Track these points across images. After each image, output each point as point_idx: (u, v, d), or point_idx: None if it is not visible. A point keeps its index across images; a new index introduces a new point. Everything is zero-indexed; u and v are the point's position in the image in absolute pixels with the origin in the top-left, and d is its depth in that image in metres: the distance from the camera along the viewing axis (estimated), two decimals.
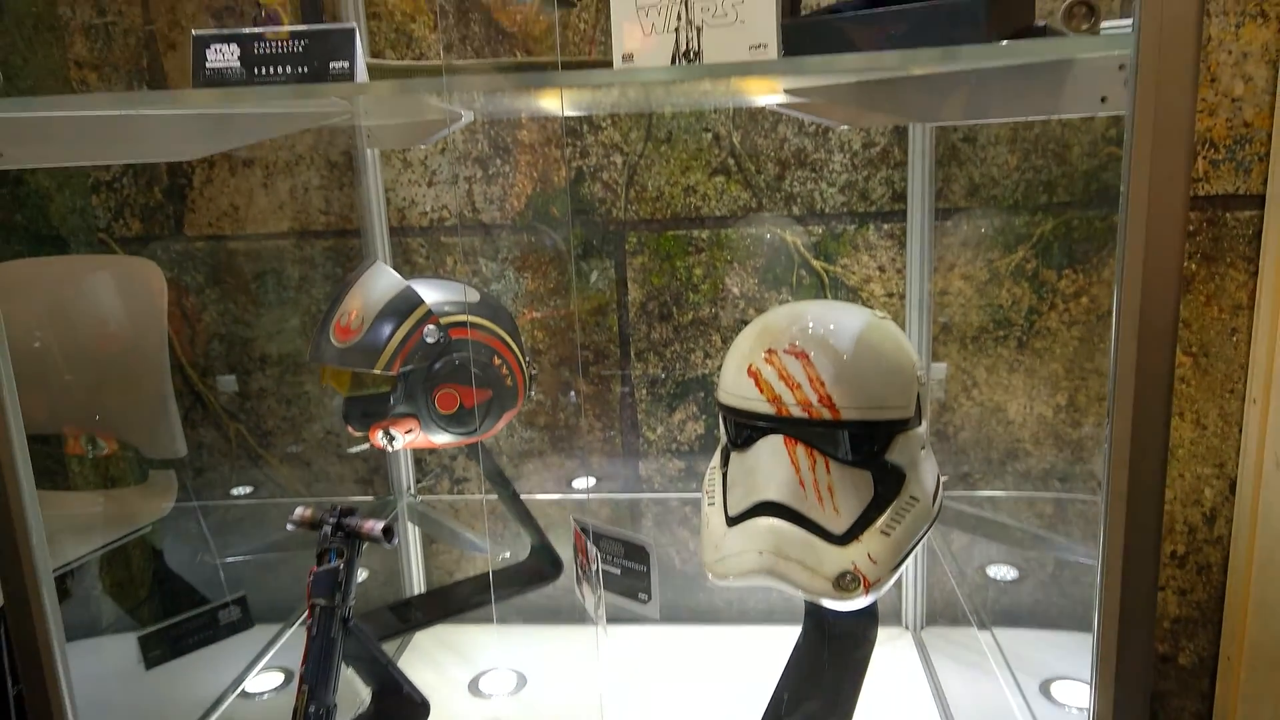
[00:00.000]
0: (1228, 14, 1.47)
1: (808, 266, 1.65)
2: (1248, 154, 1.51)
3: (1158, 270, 0.68)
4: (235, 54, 0.78)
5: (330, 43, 0.77)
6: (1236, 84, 1.49)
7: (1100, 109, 0.68)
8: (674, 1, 0.79)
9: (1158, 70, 0.66)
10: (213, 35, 0.78)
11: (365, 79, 0.79)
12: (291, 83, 0.77)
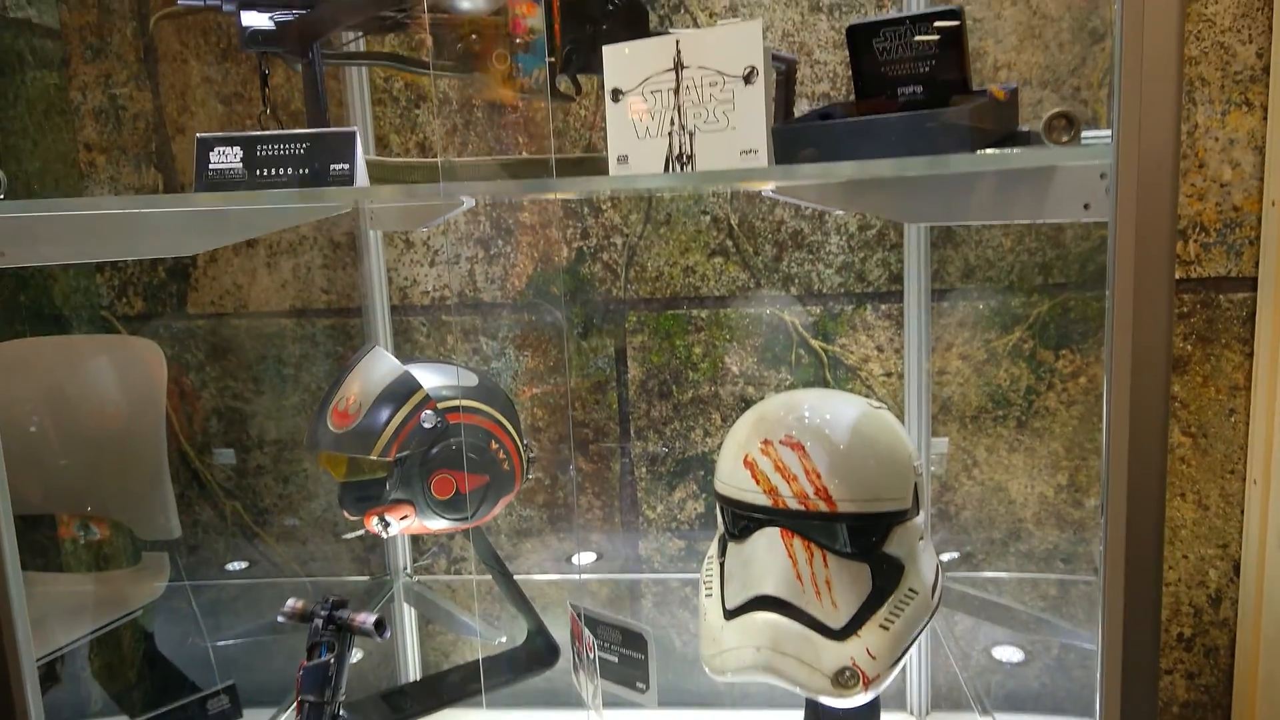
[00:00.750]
0: (1213, 102, 1.50)
1: (806, 346, 1.65)
2: (1238, 237, 1.53)
3: (1146, 368, 0.69)
4: (238, 156, 0.79)
5: (331, 145, 0.79)
6: (1224, 169, 1.52)
7: (1084, 215, 0.69)
8: (667, 107, 0.81)
9: (1138, 180, 0.67)
10: (217, 138, 0.79)
11: (365, 179, 0.80)
12: (293, 185, 0.78)
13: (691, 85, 0.79)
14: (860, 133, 0.76)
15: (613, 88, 0.83)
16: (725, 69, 0.77)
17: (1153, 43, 0.66)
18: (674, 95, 0.80)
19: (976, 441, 1.64)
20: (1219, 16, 1.48)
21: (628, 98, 0.83)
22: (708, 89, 0.78)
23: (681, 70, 0.79)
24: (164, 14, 1.63)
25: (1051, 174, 0.71)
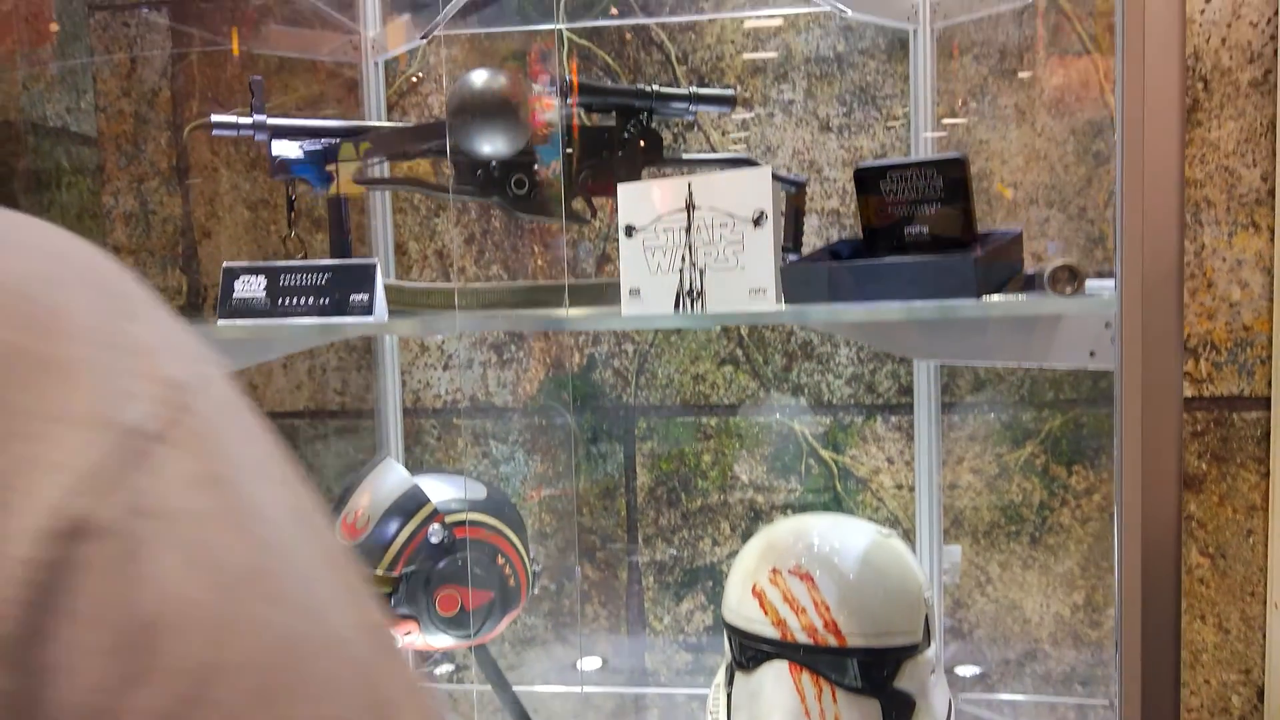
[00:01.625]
0: (1220, 224, 1.53)
1: (816, 456, 1.65)
2: (1249, 356, 1.53)
3: (1155, 525, 0.69)
4: (262, 285, 0.82)
5: (352, 276, 0.81)
6: (1233, 289, 1.53)
7: (1090, 362, 0.70)
8: (678, 245, 0.83)
9: (1142, 331, 0.68)
10: (243, 267, 0.82)
11: (384, 308, 0.82)
12: (313, 314, 0.80)
13: (703, 225, 0.81)
14: (869, 275, 0.78)
15: (626, 224, 0.85)
16: (735, 211, 0.79)
17: (1154, 204, 0.67)
18: (685, 234, 0.82)
19: (990, 557, 1.62)
20: (1223, 141, 1.51)
21: (640, 234, 0.85)
22: (718, 229, 0.81)
23: (693, 211, 0.82)
24: (196, 125, 1.69)
25: (1057, 321, 0.72)
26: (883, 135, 1.59)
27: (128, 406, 0.27)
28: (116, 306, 0.30)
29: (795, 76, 1.59)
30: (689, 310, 0.82)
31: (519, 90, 0.90)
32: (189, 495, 0.27)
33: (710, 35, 1.60)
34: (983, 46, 1.55)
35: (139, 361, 0.28)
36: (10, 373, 0.25)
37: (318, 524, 0.32)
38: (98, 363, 0.27)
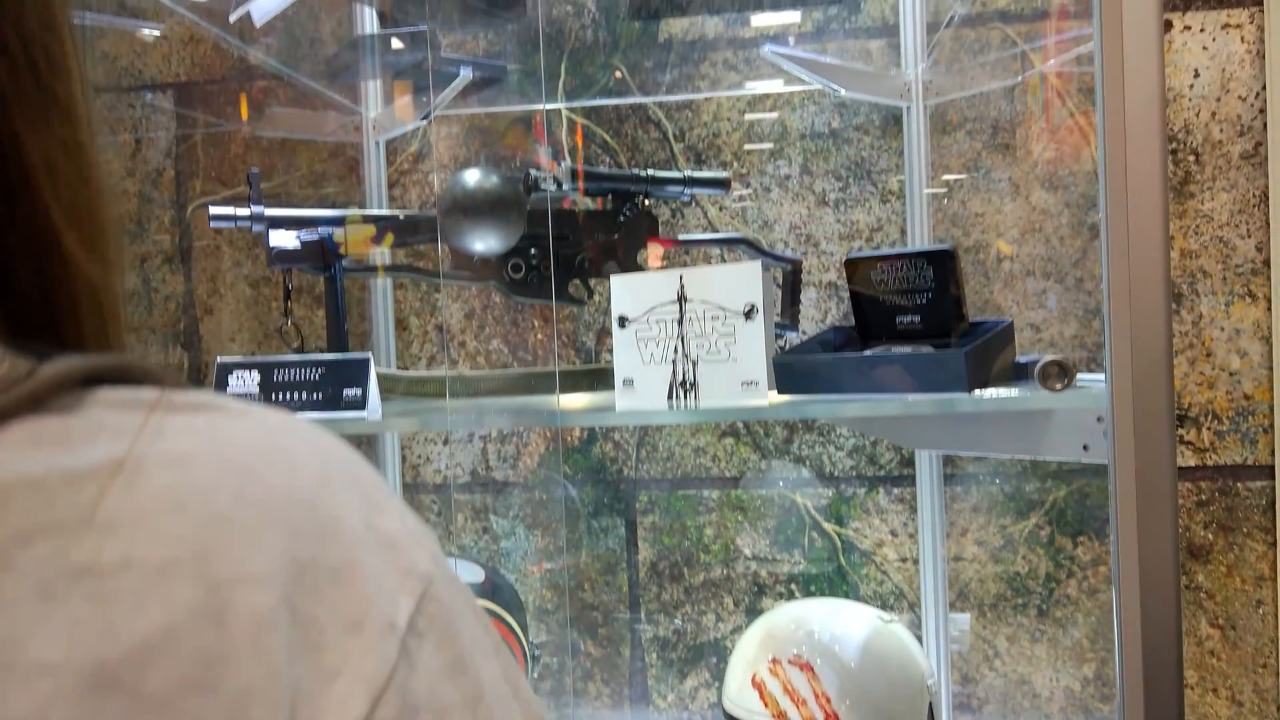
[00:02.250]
0: (1216, 294, 1.53)
1: (819, 529, 1.64)
2: (1251, 425, 1.52)
3: (1156, 623, 0.68)
4: (255, 380, 0.82)
5: (345, 371, 0.82)
6: (1232, 359, 1.53)
7: (1083, 456, 0.70)
8: (671, 336, 0.83)
9: (1134, 426, 0.68)
10: (236, 363, 0.82)
11: (377, 403, 0.83)
12: (307, 409, 0.80)
13: (695, 317, 0.82)
14: (861, 367, 0.78)
15: (619, 315, 0.86)
16: (727, 304, 0.80)
17: (1141, 298, 0.68)
18: (678, 325, 0.83)
19: (997, 630, 1.60)
20: (1216, 212, 1.52)
21: (633, 325, 0.85)
22: (710, 321, 0.81)
23: (685, 303, 0.82)
24: (200, 204, 1.72)
25: (1049, 415, 0.72)
26: (879, 209, 1.60)
27: (396, 606, 0.29)
28: (369, 501, 0.32)
29: (791, 152, 1.61)
30: (682, 401, 0.82)
31: (512, 189, 0.91)
32: (443, 688, 0.30)
33: (707, 113, 1.63)
34: (975, 121, 1.57)
35: (395, 556, 0.31)
36: (305, 584, 0.27)
37: (522, 687, 0.35)
38: (369, 566, 0.29)
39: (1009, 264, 1.58)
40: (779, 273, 1.31)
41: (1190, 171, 1.53)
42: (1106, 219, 0.73)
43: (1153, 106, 0.75)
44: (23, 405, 0.28)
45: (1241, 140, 1.51)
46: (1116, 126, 0.74)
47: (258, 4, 1.07)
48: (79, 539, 0.26)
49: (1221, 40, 1.51)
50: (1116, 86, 0.74)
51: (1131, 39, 0.74)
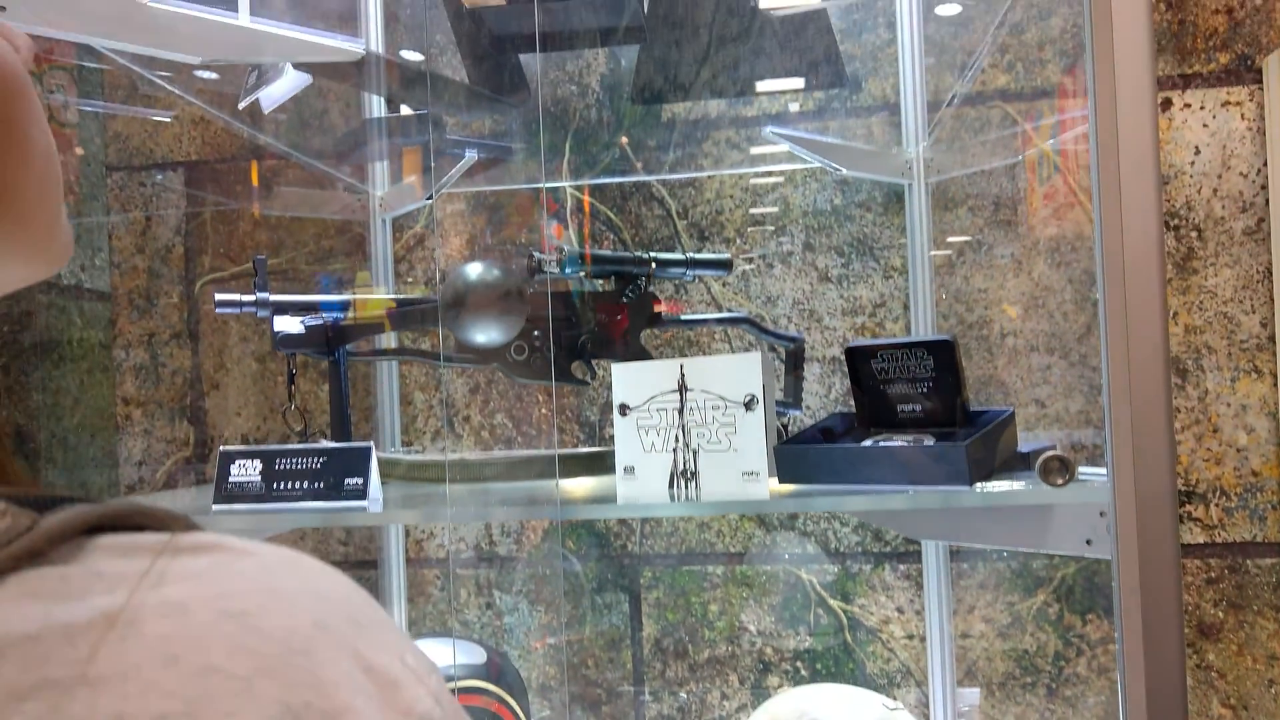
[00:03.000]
0: (1221, 369, 1.53)
1: (825, 605, 1.62)
2: (1260, 502, 1.51)
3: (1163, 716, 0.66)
4: (257, 469, 0.82)
5: (347, 460, 0.82)
6: (1239, 435, 1.52)
7: (1086, 551, 0.69)
8: (672, 425, 0.83)
9: (1137, 523, 0.67)
10: (239, 451, 0.82)
11: (378, 492, 0.82)
12: (308, 499, 0.80)
13: (695, 407, 0.82)
14: (862, 458, 0.77)
15: (620, 403, 0.86)
16: (727, 395, 0.80)
17: (1141, 392, 0.68)
18: (679, 415, 0.83)
19: (1005, 710, 1.57)
20: (1220, 288, 1.53)
21: (634, 413, 0.85)
22: (710, 411, 0.81)
23: (686, 392, 0.82)
24: (208, 280, 1.73)
25: (1051, 509, 0.71)
26: (882, 285, 1.61)
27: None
28: (370, 640, 0.32)
29: (794, 228, 1.62)
30: (683, 491, 0.82)
31: (513, 283, 0.92)
32: None
33: (710, 190, 1.65)
34: (978, 198, 1.59)
35: (395, 696, 0.31)
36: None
37: None
38: (365, 711, 0.29)
39: (1013, 339, 1.58)
40: (781, 350, 1.32)
41: (1193, 248, 1.53)
42: (1105, 311, 0.74)
43: (1149, 187, 0.76)
44: (22, 559, 0.28)
45: (1244, 216, 1.52)
46: (1112, 207, 0.75)
47: (266, 92, 1.09)
48: (73, 696, 0.26)
49: (1222, 117, 1.53)
50: (1111, 166, 0.75)
51: (1126, 119, 0.75)
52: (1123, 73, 0.74)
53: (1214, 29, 1.53)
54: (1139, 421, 0.68)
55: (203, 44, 0.87)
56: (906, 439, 0.81)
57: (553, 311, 1.14)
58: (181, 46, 0.85)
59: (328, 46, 0.99)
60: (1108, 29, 0.74)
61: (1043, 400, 1.58)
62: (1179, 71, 1.53)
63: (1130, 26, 0.74)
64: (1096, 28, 0.74)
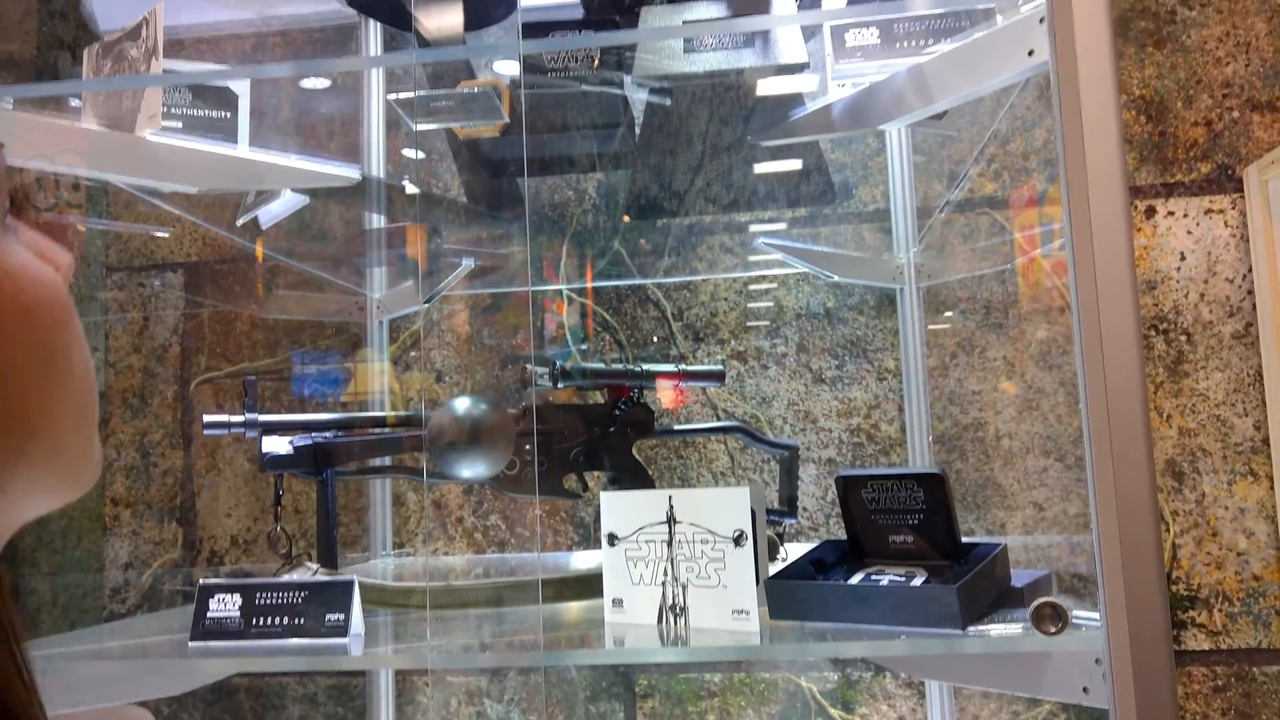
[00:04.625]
0: (1218, 472, 1.52)
1: (825, 715, 1.58)
2: (1263, 607, 1.49)
3: None
4: (236, 604, 0.81)
5: (328, 595, 0.80)
6: (1239, 539, 1.50)
7: (1083, 699, 0.67)
8: (661, 558, 0.82)
9: (1133, 672, 0.66)
10: (218, 585, 0.81)
11: (360, 628, 0.81)
12: (288, 635, 0.79)
13: (684, 540, 0.81)
14: (853, 596, 0.76)
15: (609, 532, 0.85)
16: (716, 529, 0.79)
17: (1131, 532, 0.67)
18: (667, 547, 0.82)
19: None
20: (1212, 391, 1.53)
21: (623, 543, 0.84)
22: (699, 545, 0.80)
23: (674, 524, 0.81)
24: (204, 379, 1.74)
25: (1047, 656, 0.70)
26: (875, 387, 1.61)
27: None
28: None
29: (788, 330, 1.63)
30: (672, 627, 0.80)
31: (500, 419, 0.92)
32: None
33: (704, 293, 1.66)
34: (969, 302, 1.60)
35: None
36: None
37: None
38: None
39: (1008, 441, 1.58)
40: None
41: (1183, 351, 1.54)
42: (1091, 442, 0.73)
43: (1125, 294, 0.76)
44: None
45: (1232, 320, 1.53)
46: (1091, 315, 0.75)
47: (265, 209, 1.11)
48: None
49: (1205, 225, 1.55)
50: (1089, 275, 0.75)
51: (1101, 227, 0.75)
52: (1095, 181, 0.75)
53: (1194, 140, 1.56)
54: (1130, 570, 0.67)
55: (202, 175, 0.88)
56: (899, 572, 0.80)
57: (545, 424, 1.14)
58: (181, 178, 0.86)
59: (325, 173, 1.01)
60: (1078, 140, 0.75)
61: (1040, 503, 1.57)
62: (1161, 180, 1.56)
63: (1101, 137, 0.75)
64: (1068, 138, 0.75)
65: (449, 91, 0.92)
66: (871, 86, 0.87)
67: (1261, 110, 1.55)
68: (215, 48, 1.75)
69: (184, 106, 0.94)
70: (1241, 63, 1.56)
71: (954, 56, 0.77)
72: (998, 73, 0.75)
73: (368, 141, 1.43)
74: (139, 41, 0.82)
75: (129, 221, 1.72)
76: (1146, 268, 1.55)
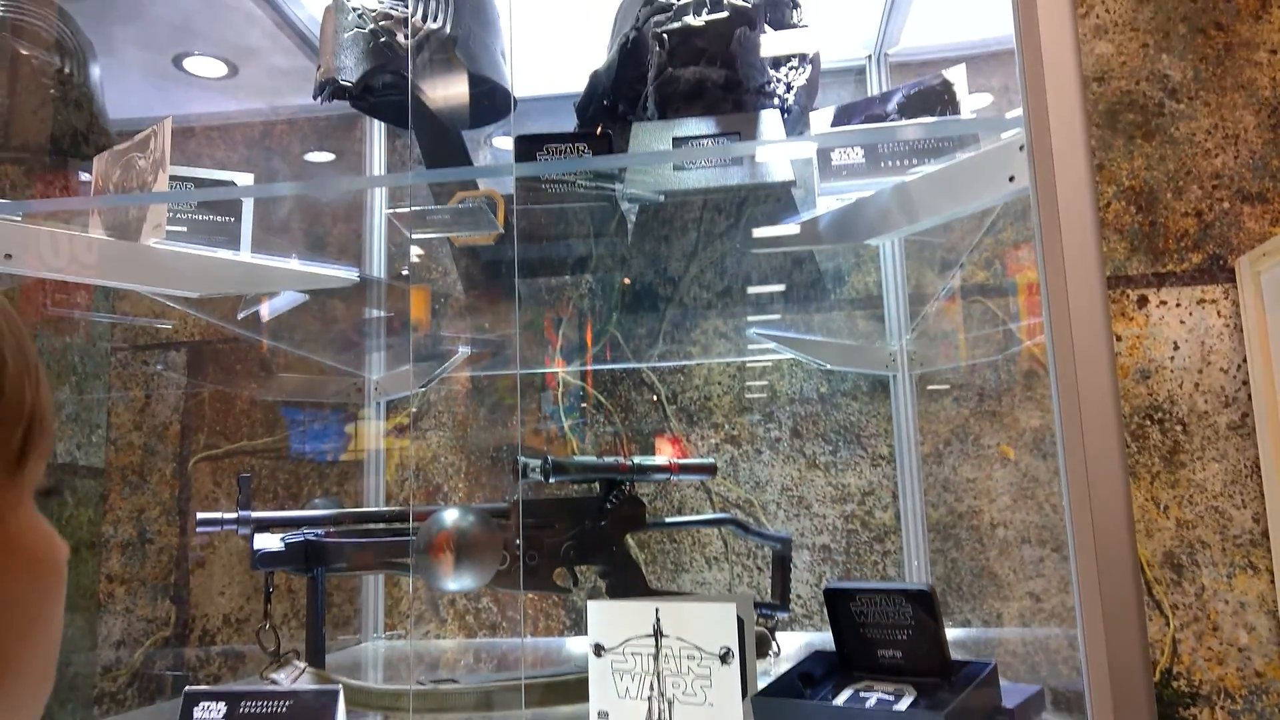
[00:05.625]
0: (1217, 565, 1.51)
1: None
2: (1266, 704, 1.46)
3: None
4: (221, 711, 0.80)
5: (313, 704, 0.80)
6: (1240, 634, 1.49)
7: None
8: (647, 672, 0.82)
9: None
10: (203, 692, 0.81)
11: None
12: None
13: (671, 654, 0.80)
14: (841, 718, 0.76)
15: (595, 643, 0.85)
16: (702, 645, 0.79)
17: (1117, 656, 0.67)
18: (654, 660, 0.81)
19: None
20: (1209, 482, 1.52)
21: (609, 654, 0.84)
22: (686, 661, 0.80)
23: (661, 638, 0.81)
24: (202, 456, 1.74)
25: None
26: (870, 473, 1.61)
27: None
28: None
29: (781, 415, 1.64)
30: None
31: (487, 532, 0.92)
32: None
33: (698, 376, 1.67)
34: (962, 390, 1.61)
35: None
36: None
37: None
38: None
39: (1004, 531, 1.57)
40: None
41: (1179, 441, 1.54)
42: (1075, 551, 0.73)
43: (1105, 385, 0.77)
44: None
45: (1227, 411, 1.53)
46: (1071, 406, 0.76)
47: (267, 303, 1.12)
48: None
49: (1198, 314, 1.56)
50: (1068, 366, 0.77)
51: (1079, 321, 0.76)
52: (1072, 270, 0.76)
53: (1184, 230, 1.57)
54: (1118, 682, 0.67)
55: (204, 280, 0.90)
56: (887, 690, 0.80)
57: (535, 519, 1.14)
58: (184, 284, 0.88)
59: (325, 275, 1.03)
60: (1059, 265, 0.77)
61: (1037, 594, 1.56)
62: (1153, 270, 1.57)
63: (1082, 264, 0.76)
64: (1049, 263, 0.77)
65: (445, 208, 0.94)
66: (858, 202, 0.90)
67: (1252, 201, 1.57)
68: (225, 135, 1.79)
69: (189, 211, 0.96)
70: (1230, 154, 1.58)
71: (938, 178, 0.79)
72: (980, 196, 0.76)
73: (368, 244, 1.45)
74: (148, 153, 0.84)
75: (131, 311, 1.74)
76: (1140, 357, 1.56)
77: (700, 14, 0.94)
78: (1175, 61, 1.61)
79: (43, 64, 1.37)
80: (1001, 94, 1.48)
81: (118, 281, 0.85)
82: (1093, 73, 1.63)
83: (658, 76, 0.95)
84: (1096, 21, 1.64)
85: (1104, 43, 1.63)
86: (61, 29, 1.40)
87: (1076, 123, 0.76)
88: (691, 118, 0.94)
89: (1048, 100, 0.74)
